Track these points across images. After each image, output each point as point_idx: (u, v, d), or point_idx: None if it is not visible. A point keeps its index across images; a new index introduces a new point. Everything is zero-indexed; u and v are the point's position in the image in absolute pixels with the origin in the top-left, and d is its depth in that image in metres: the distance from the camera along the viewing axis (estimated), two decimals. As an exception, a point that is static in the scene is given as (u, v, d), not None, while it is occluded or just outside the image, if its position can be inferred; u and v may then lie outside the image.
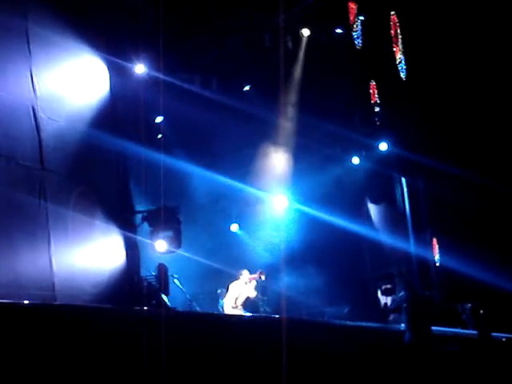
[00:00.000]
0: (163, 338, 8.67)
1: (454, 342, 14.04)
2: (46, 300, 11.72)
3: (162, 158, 15.51)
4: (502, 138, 18.44)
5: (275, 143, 19.70)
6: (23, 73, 12.91)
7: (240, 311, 16.02)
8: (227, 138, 18.60)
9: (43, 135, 13.06)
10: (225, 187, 18.97)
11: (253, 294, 16.23)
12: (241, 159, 19.21)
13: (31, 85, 12.98)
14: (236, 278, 16.37)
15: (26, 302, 9.41)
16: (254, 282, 16.33)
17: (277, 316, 14.56)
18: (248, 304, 16.54)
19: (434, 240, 20.26)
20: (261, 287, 18.46)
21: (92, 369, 8.65)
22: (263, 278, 16.42)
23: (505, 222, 18.76)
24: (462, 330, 15.42)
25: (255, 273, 16.36)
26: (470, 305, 15.97)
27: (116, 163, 15.71)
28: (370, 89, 19.72)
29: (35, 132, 12.91)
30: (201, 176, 18.44)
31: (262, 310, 17.62)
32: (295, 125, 19.32)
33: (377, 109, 19.73)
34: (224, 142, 18.72)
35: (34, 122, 12.88)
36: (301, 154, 19.98)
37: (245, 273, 16.31)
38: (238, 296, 16.10)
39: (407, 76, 18.83)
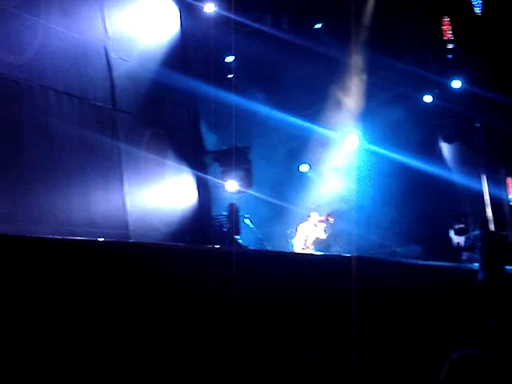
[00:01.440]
0: (234, 277, 8.70)
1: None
2: (120, 238, 11.90)
3: (232, 98, 15.49)
4: None
5: (346, 82, 19.44)
6: (95, 13, 12.97)
7: (311, 251, 16.05)
8: (298, 77, 18.42)
9: (115, 75, 13.15)
10: (295, 127, 18.87)
11: (322, 235, 16.21)
12: (311, 98, 19.03)
13: (103, 25, 13.05)
14: (305, 220, 16.37)
15: (101, 239, 9.55)
16: (323, 224, 16.30)
17: (347, 255, 14.53)
18: (319, 244, 16.57)
19: (509, 179, 19.90)
20: (331, 228, 18.45)
21: (164, 306, 8.76)
22: (331, 220, 16.38)
23: None
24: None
25: (324, 215, 16.32)
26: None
27: (187, 103, 15.73)
28: (443, 25, 19.24)
29: (107, 72, 13.01)
30: (271, 116, 18.35)
31: (333, 249, 17.61)
32: (366, 63, 19.00)
33: (450, 45, 19.26)
34: (294, 81, 18.53)
35: (105, 62, 12.97)
36: (371, 93, 19.70)
37: (313, 215, 16.28)
38: (307, 237, 16.12)
39: (482, 11, 18.31)
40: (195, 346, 8.48)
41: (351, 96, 19.35)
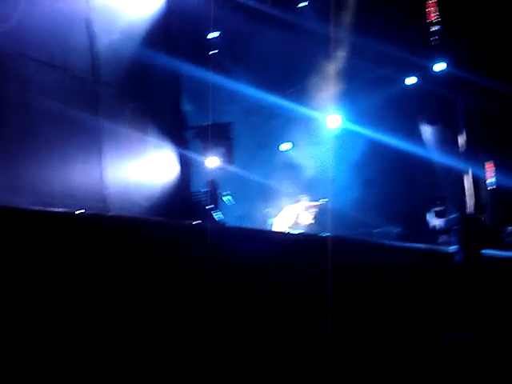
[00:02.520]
0: (209, 252, 8.71)
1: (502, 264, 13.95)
2: (99, 211, 11.86)
3: (214, 75, 15.44)
4: None
5: (328, 62, 19.41)
6: (78, -17, 12.85)
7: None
8: (281, 55, 18.39)
9: (98, 47, 13.05)
10: (277, 105, 18.85)
11: (309, 221, 16.21)
12: (294, 77, 19.02)
13: (86, -4, 12.93)
14: (295, 202, 16.36)
15: (79, 211, 9.50)
16: (313, 210, 16.31)
17: (324, 234, 14.57)
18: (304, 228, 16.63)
19: (488, 163, 19.98)
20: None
21: (140, 280, 8.76)
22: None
23: None
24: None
25: (315, 201, 16.32)
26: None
27: (169, 79, 15.64)
28: (427, 6, 19.24)
29: (89, 43, 12.90)
30: (253, 94, 18.31)
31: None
32: (349, 44, 18.99)
33: (433, 28, 19.27)
34: (278, 59, 18.52)
35: (88, 34, 12.87)
36: (354, 74, 19.70)
37: (305, 199, 16.30)
38: (292, 219, 16.14)
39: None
40: (171, 319, 8.49)
41: (333, 76, 19.33)
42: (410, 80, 20.08)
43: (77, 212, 9.05)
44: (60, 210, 9.21)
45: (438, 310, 11.16)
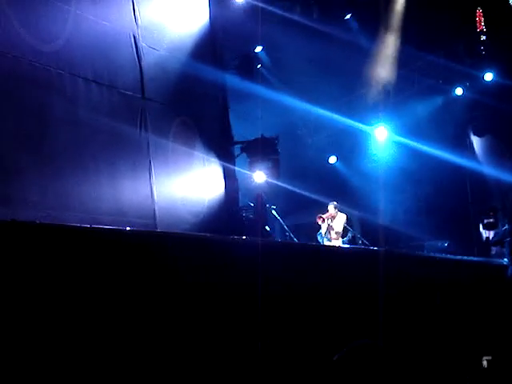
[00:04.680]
0: (260, 267, 8.64)
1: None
2: (147, 228, 11.86)
3: (261, 89, 15.43)
4: None
5: (375, 74, 19.31)
6: (125, 1, 12.91)
7: (338, 243, 15.98)
8: (326, 69, 18.32)
9: (144, 64, 13.10)
10: (323, 118, 18.80)
11: (338, 228, 16.12)
12: (340, 90, 18.95)
13: (133, 13, 12.98)
14: (325, 212, 16.34)
15: (129, 228, 9.50)
16: (341, 216, 16.25)
17: (376, 248, 14.43)
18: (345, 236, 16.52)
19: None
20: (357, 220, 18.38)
21: (189, 297, 8.72)
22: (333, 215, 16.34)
23: None
24: None
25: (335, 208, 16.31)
26: None
27: (215, 93, 15.65)
28: (476, 16, 19.04)
29: (136, 61, 12.95)
30: (300, 107, 18.28)
31: (359, 242, 17.52)
32: (396, 55, 18.86)
33: (483, 37, 19.05)
34: (323, 72, 18.45)
35: (135, 51, 12.91)
36: (402, 85, 19.59)
37: (330, 207, 16.27)
38: (327, 229, 16.09)
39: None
40: (217, 337, 8.44)
41: (381, 88, 19.22)
42: (459, 91, 19.87)
43: (127, 229, 9.04)
44: (109, 227, 9.21)
45: (491, 323, 10.98)
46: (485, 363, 5.75)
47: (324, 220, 16.21)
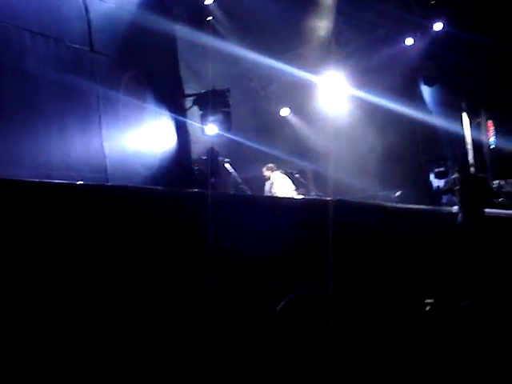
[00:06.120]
0: (210, 220, 8.66)
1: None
2: (99, 182, 11.81)
3: (211, 41, 15.32)
4: None
5: (326, 24, 19.24)
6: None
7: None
8: (277, 19, 18.19)
9: (92, 16, 12.91)
10: (275, 70, 18.74)
11: (281, 192, 16.27)
12: (291, 40, 18.85)
13: (79, -37, 12.76)
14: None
15: (80, 182, 9.47)
16: (279, 179, 16.36)
17: (326, 198, 14.55)
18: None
19: (489, 122, 19.93)
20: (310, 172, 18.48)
21: (141, 249, 8.74)
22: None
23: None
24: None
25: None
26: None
27: (166, 46, 15.50)
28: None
29: (83, 13, 12.76)
30: (250, 59, 18.18)
31: (313, 193, 17.64)
32: (347, 4, 18.78)
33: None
34: (274, 22, 18.32)
35: (82, 3, 12.71)
36: (351, 36, 19.58)
37: (264, 172, 16.46)
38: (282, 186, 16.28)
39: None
40: (174, 283, 8.49)
41: (331, 38, 19.18)
42: (410, 40, 19.91)
43: (77, 183, 9.02)
44: (60, 181, 9.17)
45: (439, 271, 11.16)
46: (428, 307, 5.87)
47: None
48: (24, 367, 6.09)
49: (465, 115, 20.13)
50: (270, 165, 16.71)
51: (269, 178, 16.54)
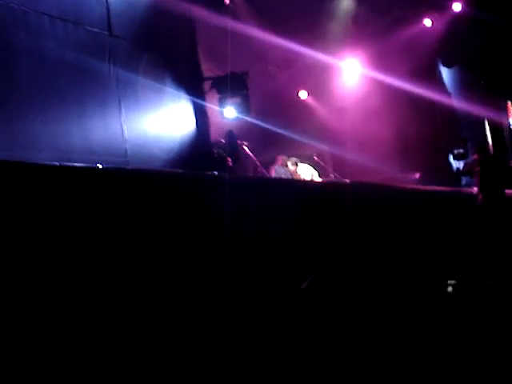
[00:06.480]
0: (227, 203, 8.71)
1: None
2: (119, 165, 11.85)
3: (230, 24, 15.28)
4: None
5: (344, 7, 19.18)
6: None
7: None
8: (295, 2, 18.15)
9: (110, 0, 12.93)
10: (293, 53, 18.67)
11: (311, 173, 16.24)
12: (309, 23, 18.78)
13: None
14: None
15: (100, 166, 9.51)
16: (304, 170, 16.32)
17: (344, 180, 14.54)
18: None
19: (509, 103, 19.81)
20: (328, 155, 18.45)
21: (162, 231, 8.80)
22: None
23: None
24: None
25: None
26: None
27: (184, 29, 15.50)
28: None
29: (103, -4, 12.79)
30: (269, 42, 18.12)
31: (331, 176, 17.62)
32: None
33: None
34: (292, 5, 18.26)
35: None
36: (369, 18, 19.48)
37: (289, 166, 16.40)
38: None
39: None
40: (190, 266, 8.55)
41: (350, 21, 19.12)
42: (428, 22, 19.78)
43: (98, 166, 9.06)
44: (81, 164, 9.22)
45: (459, 252, 11.16)
46: (450, 288, 5.88)
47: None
48: (24, 361, 6.18)
49: (484, 96, 20.01)
50: (294, 158, 16.62)
51: (290, 171, 16.45)
